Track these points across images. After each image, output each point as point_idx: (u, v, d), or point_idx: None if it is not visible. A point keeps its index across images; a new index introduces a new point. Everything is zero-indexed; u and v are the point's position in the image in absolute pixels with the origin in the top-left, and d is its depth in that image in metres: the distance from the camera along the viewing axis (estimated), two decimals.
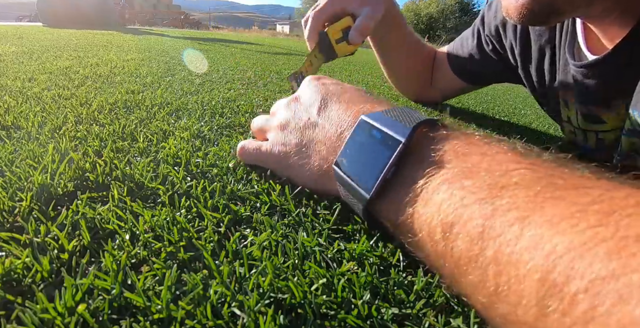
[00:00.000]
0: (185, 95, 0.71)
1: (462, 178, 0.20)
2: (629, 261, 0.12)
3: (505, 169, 0.19)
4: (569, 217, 0.15)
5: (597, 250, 0.13)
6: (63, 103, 0.56)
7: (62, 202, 0.29)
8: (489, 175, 0.19)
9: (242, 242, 0.26)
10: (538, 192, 0.17)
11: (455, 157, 0.21)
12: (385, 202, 0.24)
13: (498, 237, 0.17)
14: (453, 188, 0.20)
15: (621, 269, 0.12)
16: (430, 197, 0.21)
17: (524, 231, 0.16)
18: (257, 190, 0.33)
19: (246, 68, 1.29)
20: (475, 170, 0.20)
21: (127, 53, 1.40)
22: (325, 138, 0.29)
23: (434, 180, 0.21)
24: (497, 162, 0.20)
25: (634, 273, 0.12)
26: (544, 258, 0.14)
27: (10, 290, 0.20)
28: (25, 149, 0.36)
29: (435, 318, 0.21)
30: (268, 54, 2.11)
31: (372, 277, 0.23)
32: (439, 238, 0.20)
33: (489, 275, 0.17)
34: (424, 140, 0.23)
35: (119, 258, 0.22)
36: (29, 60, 1.00)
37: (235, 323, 0.19)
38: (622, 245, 0.13)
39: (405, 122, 0.23)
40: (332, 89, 0.33)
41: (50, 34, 2.16)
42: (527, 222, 0.16)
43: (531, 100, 1.91)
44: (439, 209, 0.20)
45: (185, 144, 0.43)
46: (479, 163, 0.20)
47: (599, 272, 0.13)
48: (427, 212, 0.20)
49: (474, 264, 0.18)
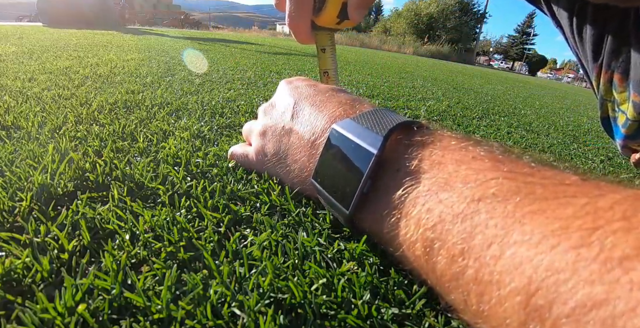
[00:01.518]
0: (185, 95, 0.71)
1: (439, 191, 0.19)
2: (613, 287, 0.12)
3: (482, 179, 0.18)
4: (550, 235, 0.14)
5: (580, 274, 0.13)
6: (63, 103, 0.56)
7: (62, 202, 0.29)
8: (465, 187, 0.18)
9: (242, 242, 0.26)
10: (517, 204, 0.16)
11: (430, 167, 0.21)
12: (365, 214, 0.23)
13: (478, 257, 0.16)
14: (430, 203, 0.19)
15: (605, 295, 0.12)
16: (408, 211, 0.20)
17: (504, 250, 0.15)
18: (257, 190, 0.33)
19: (246, 68, 1.29)
20: (451, 181, 0.19)
21: (127, 53, 1.40)
22: (301, 145, 0.29)
23: (411, 193, 0.20)
24: (474, 171, 0.19)
25: (618, 301, 0.12)
26: (525, 280, 0.14)
27: (10, 290, 0.20)
28: (25, 149, 0.36)
29: (435, 318, 0.21)
30: (268, 54, 2.11)
31: (372, 277, 0.23)
32: (420, 254, 0.19)
33: (471, 295, 0.16)
34: (399, 147, 0.23)
35: (119, 258, 0.22)
36: (29, 60, 1.00)
37: (235, 323, 0.19)
38: (606, 269, 0.12)
39: (377, 129, 0.23)
40: (304, 92, 0.32)
41: (50, 34, 2.16)
42: (506, 241, 0.15)
43: (531, 100, 1.91)
44: (418, 224, 0.19)
45: (185, 144, 0.43)
46: (455, 172, 0.20)
47: (582, 298, 0.12)
48: (407, 226, 0.20)
49: (455, 283, 0.17)
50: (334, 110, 0.29)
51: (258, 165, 0.35)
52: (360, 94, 1.00)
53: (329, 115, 0.28)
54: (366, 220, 0.24)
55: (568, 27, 0.50)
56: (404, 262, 0.22)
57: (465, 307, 0.17)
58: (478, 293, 0.16)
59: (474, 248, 0.17)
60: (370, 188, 0.23)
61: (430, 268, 0.19)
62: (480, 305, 0.16)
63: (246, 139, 0.40)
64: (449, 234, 0.18)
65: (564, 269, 0.13)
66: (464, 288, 0.17)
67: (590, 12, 0.45)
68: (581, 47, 0.49)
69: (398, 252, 0.21)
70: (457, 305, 0.18)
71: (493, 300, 0.15)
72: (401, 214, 0.21)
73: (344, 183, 0.23)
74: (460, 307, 0.18)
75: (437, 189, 0.19)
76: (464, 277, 0.17)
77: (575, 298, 0.13)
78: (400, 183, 0.21)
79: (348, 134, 0.24)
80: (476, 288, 0.16)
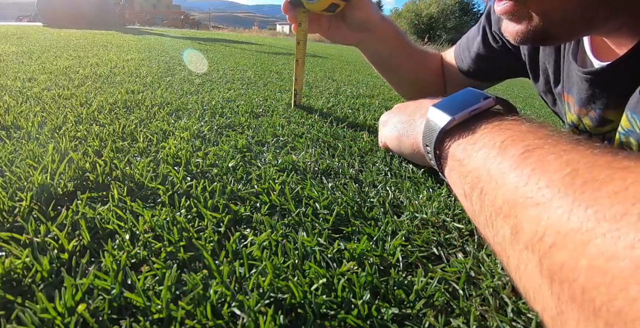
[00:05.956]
0: (185, 95, 0.71)
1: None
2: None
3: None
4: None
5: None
6: (63, 103, 0.56)
7: (62, 202, 0.29)
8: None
9: (242, 242, 0.26)
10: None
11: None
12: (455, 135, 0.28)
13: None
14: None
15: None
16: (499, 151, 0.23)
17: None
18: (257, 190, 0.33)
19: (246, 68, 1.29)
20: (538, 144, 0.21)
21: (127, 53, 1.40)
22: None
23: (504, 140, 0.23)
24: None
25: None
26: None
27: (10, 290, 0.20)
28: (25, 149, 0.36)
29: (435, 318, 0.21)
30: (268, 54, 2.11)
31: (372, 277, 0.23)
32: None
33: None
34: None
35: (119, 258, 0.22)
36: (29, 60, 1.00)
37: (235, 323, 0.19)
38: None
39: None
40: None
41: (50, 34, 2.16)
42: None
43: (531, 101, 1.91)
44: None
45: (185, 144, 0.43)
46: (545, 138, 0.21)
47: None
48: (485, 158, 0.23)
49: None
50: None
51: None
52: (360, 94, 1.00)
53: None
54: (454, 139, 0.28)
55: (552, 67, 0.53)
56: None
57: None
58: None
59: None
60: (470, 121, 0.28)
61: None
62: None
63: None
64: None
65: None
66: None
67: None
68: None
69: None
70: None
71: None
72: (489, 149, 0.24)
73: (458, 104, 0.29)
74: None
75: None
76: None
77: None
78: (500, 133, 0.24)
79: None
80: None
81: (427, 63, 0.74)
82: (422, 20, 22.08)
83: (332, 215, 0.30)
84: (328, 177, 0.38)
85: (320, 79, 1.24)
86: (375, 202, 0.33)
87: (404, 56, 0.71)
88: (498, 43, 0.63)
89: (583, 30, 0.35)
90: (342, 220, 0.30)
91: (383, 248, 0.26)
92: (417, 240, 0.28)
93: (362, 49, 0.68)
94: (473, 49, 0.68)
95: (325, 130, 0.55)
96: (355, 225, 0.29)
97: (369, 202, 0.33)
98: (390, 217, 0.30)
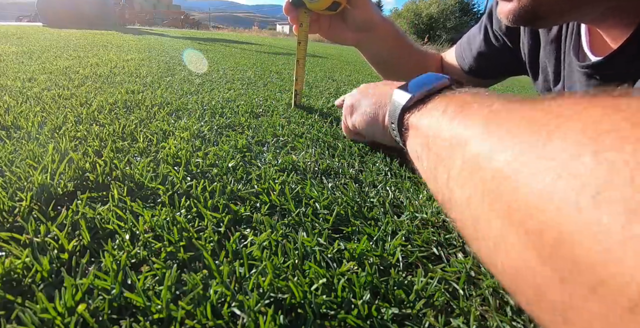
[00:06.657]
0: (185, 95, 0.71)
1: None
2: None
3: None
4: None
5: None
6: (63, 103, 0.56)
7: (62, 202, 0.29)
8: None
9: (242, 242, 0.26)
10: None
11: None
12: (413, 110, 0.30)
13: None
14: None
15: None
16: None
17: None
18: (257, 190, 0.33)
19: (246, 68, 1.29)
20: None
21: (127, 53, 1.40)
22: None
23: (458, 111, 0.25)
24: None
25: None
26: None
27: (10, 290, 0.20)
28: (25, 149, 0.36)
29: (435, 318, 0.21)
30: (268, 54, 2.11)
31: (372, 277, 0.23)
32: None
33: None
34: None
35: (118, 258, 0.22)
36: (29, 60, 1.00)
37: (235, 323, 0.19)
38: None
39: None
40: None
41: (50, 34, 2.16)
42: None
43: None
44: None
45: (185, 144, 0.43)
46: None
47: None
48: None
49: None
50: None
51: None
52: None
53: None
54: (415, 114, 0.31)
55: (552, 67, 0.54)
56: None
57: None
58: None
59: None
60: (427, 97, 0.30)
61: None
62: None
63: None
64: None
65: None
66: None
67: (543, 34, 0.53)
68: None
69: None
70: None
71: None
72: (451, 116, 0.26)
73: (419, 84, 0.32)
74: None
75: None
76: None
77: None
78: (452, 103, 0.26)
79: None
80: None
81: (427, 63, 0.75)
82: (422, 20, 22.08)
83: (332, 215, 0.30)
84: (328, 177, 0.38)
85: (320, 79, 1.24)
86: (375, 202, 0.33)
87: (404, 56, 0.71)
88: (499, 42, 0.63)
89: (572, 12, 0.37)
90: (342, 220, 0.30)
91: (383, 248, 0.26)
92: (417, 240, 0.28)
93: (362, 49, 0.68)
94: (474, 47, 0.68)
95: (325, 130, 0.55)
96: (355, 225, 0.29)
97: (369, 202, 0.33)
98: (390, 217, 0.30)
